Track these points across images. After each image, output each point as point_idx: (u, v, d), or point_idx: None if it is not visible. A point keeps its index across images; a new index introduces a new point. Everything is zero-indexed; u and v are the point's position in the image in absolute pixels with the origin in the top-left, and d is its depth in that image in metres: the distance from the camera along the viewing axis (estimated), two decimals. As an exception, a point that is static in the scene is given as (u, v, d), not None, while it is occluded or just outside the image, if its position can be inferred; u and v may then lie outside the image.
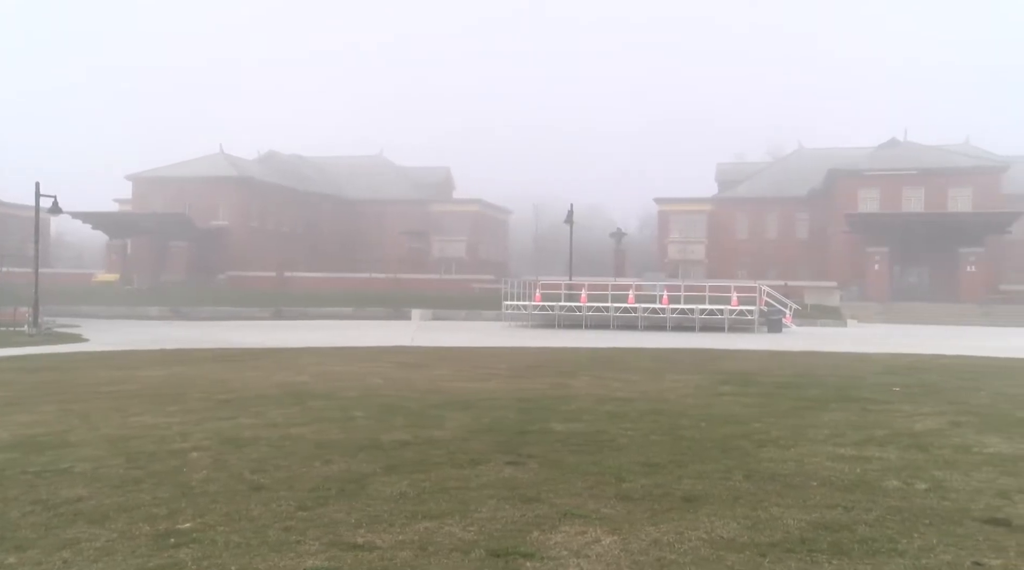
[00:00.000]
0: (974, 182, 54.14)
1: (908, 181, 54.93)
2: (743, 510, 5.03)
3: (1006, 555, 4.25)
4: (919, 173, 54.74)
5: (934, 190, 54.34)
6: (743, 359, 17.02)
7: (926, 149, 57.41)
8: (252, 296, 43.81)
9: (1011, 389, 11.67)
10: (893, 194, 54.86)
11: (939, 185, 54.27)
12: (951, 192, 54.17)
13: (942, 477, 5.99)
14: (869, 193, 55.45)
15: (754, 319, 30.93)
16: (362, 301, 42.64)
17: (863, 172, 55.91)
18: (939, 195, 54.09)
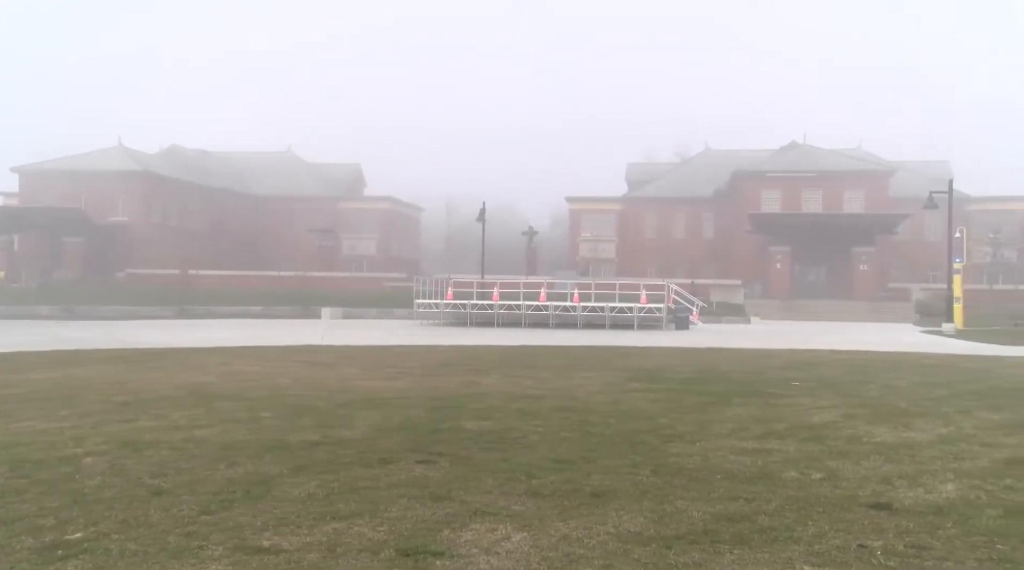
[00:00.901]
0: (866, 185, 56.86)
1: (807, 183, 57.24)
2: (650, 504, 5.14)
3: (886, 537, 4.49)
4: (817, 175, 57.12)
5: (831, 192, 56.80)
6: (651, 356, 17.39)
7: (823, 153, 59.94)
8: (154, 294, 42.27)
9: (897, 382, 12.30)
10: (793, 195, 57.09)
11: (835, 187, 56.75)
12: (846, 194, 56.75)
13: (835, 467, 6.25)
14: (771, 194, 57.53)
15: (662, 316, 31.64)
16: (271, 300, 41.68)
17: (765, 174, 57.97)
18: (835, 197, 56.58)
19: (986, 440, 7.41)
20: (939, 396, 10.59)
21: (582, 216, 67.53)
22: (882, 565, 4.04)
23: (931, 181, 49.12)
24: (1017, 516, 4.92)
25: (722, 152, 68.20)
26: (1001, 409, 9.41)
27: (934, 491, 5.51)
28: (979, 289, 47.34)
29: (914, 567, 4.02)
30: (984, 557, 4.17)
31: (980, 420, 8.57)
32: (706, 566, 4.03)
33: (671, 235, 65.49)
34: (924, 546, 4.32)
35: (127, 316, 36.35)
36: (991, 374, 13.81)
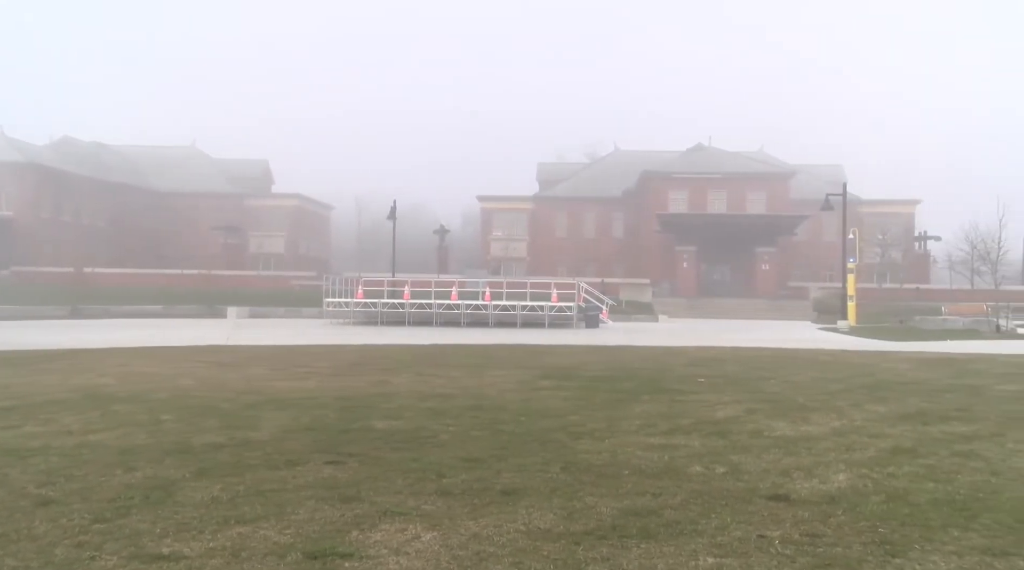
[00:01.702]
0: (768, 187, 58.91)
1: (712, 184, 58.91)
2: (560, 501, 5.19)
3: (784, 527, 4.66)
4: (722, 177, 58.85)
5: (735, 193, 58.63)
6: (562, 354, 17.58)
7: (727, 155, 61.82)
8: (45, 293, 40.21)
9: (796, 377, 12.80)
10: (699, 196, 58.67)
11: (739, 189, 58.61)
12: (749, 195, 58.66)
13: (738, 461, 6.45)
14: (678, 194, 58.96)
15: (573, 315, 32.03)
16: (173, 299, 40.26)
17: (672, 174, 59.36)
18: (739, 198, 58.42)
19: (873, 431, 7.79)
20: (833, 391, 11.07)
21: (494, 215, 67.74)
22: (779, 554, 4.19)
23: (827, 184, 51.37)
24: (897, 501, 5.20)
25: (631, 153, 69.49)
26: (887, 402, 9.91)
27: (827, 481, 5.76)
28: (870, 288, 49.68)
29: (808, 554, 4.18)
30: (868, 541, 4.39)
31: (869, 413, 9.00)
32: (614, 561, 4.10)
33: (582, 234, 66.36)
34: (817, 534, 4.51)
35: (13, 316, 34.39)
36: (879, 369, 14.53)
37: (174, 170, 68.81)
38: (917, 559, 4.11)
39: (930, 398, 10.32)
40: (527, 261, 66.03)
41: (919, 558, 4.12)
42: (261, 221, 68.15)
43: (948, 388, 11.47)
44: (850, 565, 4.02)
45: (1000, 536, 4.50)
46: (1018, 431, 7.88)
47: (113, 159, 66.13)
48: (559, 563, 4.06)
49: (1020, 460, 6.54)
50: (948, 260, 59.77)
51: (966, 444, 7.16)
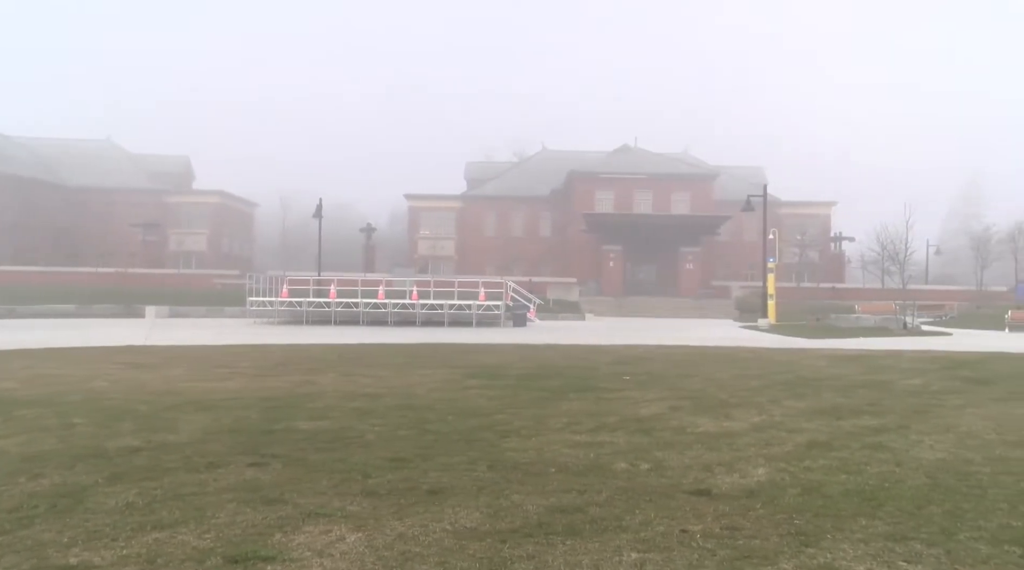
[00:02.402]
0: (692, 188, 60.11)
1: (638, 184, 59.78)
2: (486, 499, 5.20)
3: (705, 521, 4.77)
4: (647, 178, 59.79)
5: (660, 194, 59.62)
6: (489, 353, 17.60)
7: (653, 156, 62.84)
8: (-55, 292, 38.22)
9: (718, 374, 13.11)
10: (625, 196, 59.47)
11: (664, 189, 59.63)
12: (674, 196, 59.73)
13: (661, 457, 6.57)
14: (605, 194, 59.64)
15: (501, 314, 32.11)
16: (87, 298, 38.72)
17: (599, 174, 60.03)
18: (664, 198, 59.45)
19: (791, 426, 8.04)
20: (754, 387, 11.38)
21: (421, 214, 67.36)
22: (701, 547, 4.29)
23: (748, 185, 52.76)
24: (812, 493, 5.38)
25: (558, 153, 69.99)
26: (804, 397, 10.25)
27: (747, 476, 5.92)
28: (789, 287, 51.19)
29: (728, 547, 4.29)
30: (784, 532, 4.53)
31: (787, 408, 9.29)
32: (539, 558, 4.13)
33: (510, 233, 66.54)
34: (737, 527, 4.63)
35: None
36: (797, 365, 15.00)
37: (87, 165, 66.20)
38: (828, 548, 4.26)
39: (844, 393, 10.71)
40: (455, 260, 65.88)
41: (830, 547, 4.27)
42: (182, 218, 66.26)
43: (860, 384, 11.93)
44: (767, 556, 4.13)
45: (902, 522, 4.72)
46: (920, 423, 8.25)
47: (18, 152, 63.21)
48: (485, 562, 4.07)
49: (922, 451, 6.84)
50: (861, 260, 62.11)
51: (875, 437, 7.45)
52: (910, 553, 4.20)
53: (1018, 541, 4.40)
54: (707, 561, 4.08)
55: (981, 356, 17.66)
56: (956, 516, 4.86)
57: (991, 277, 57.19)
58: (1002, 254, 56.35)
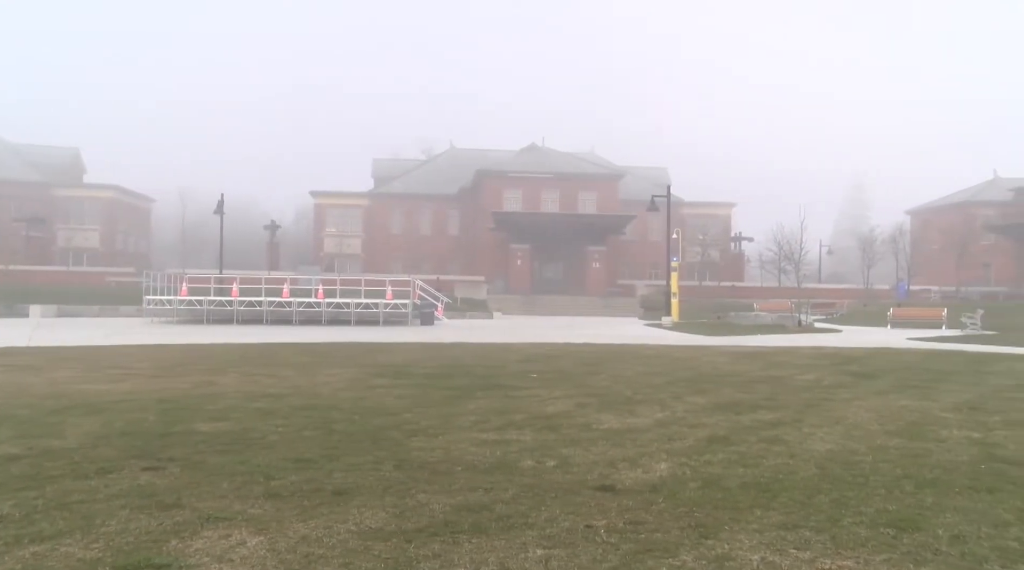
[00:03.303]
0: (599, 187, 61.08)
1: (546, 184, 60.35)
2: (392, 499, 5.15)
3: (609, 516, 4.85)
4: (555, 177, 60.42)
5: (567, 193, 60.35)
6: (397, 352, 17.45)
7: (560, 155, 63.58)
8: None
9: (623, 372, 13.37)
10: (533, 195, 59.95)
11: (571, 189, 60.39)
12: (580, 195, 60.58)
13: (567, 454, 6.65)
14: (513, 193, 59.97)
15: (408, 312, 31.90)
16: (-38, 296, 36.48)
17: (507, 173, 60.32)
18: (571, 198, 60.21)
19: (693, 422, 8.27)
20: (657, 384, 11.65)
21: (327, 211, 66.24)
22: (605, 542, 4.36)
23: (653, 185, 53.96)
24: (712, 486, 5.55)
25: (466, 151, 70.01)
26: (705, 393, 10.55)
27: (650, 471, 6.05)
28: (692, 285, 52.68)
29: (631, 541, 4.38)
30: (685, 525, 4.66)
31: (689, 404, 9.55)
32: (445, 557, 4.12)
33: (417, 231, 66.16)
34: (640, 521, 4.73)
35: None
36: (698, 362, 15.45)
37: (-36, 155, 62.43)
38: (726, 539, 4.40)
39: (743, 389, 11.08)
40: (362, 258, 65.06)
41: (728, 538, 4.42)
42: (72, 213, 63.20)
43: (758, 379, 12.37)
44: (668, 549, 4.24)
45: (794, 512, 4.92)
46: (813, 416, 8.62)
47: None
48: (390, 562, 4.03)
49: (814, 443, 7.15)
50: (759, 259, 64.49)
51: (771, 430, 7.74)
52: (800, 540, 4.38)
53: (892, 523, 4.67)
54: (611, 555, 4.15)
55: (867, 352, 18.58)
56: (841, 503, 5.11)
57: (877, 276, 60.27)
58: (885, 254, 59.48)
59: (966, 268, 58.19)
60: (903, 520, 4.73)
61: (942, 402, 9.85)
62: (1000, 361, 16.30)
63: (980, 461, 6.45)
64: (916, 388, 11.30)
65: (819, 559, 4.09)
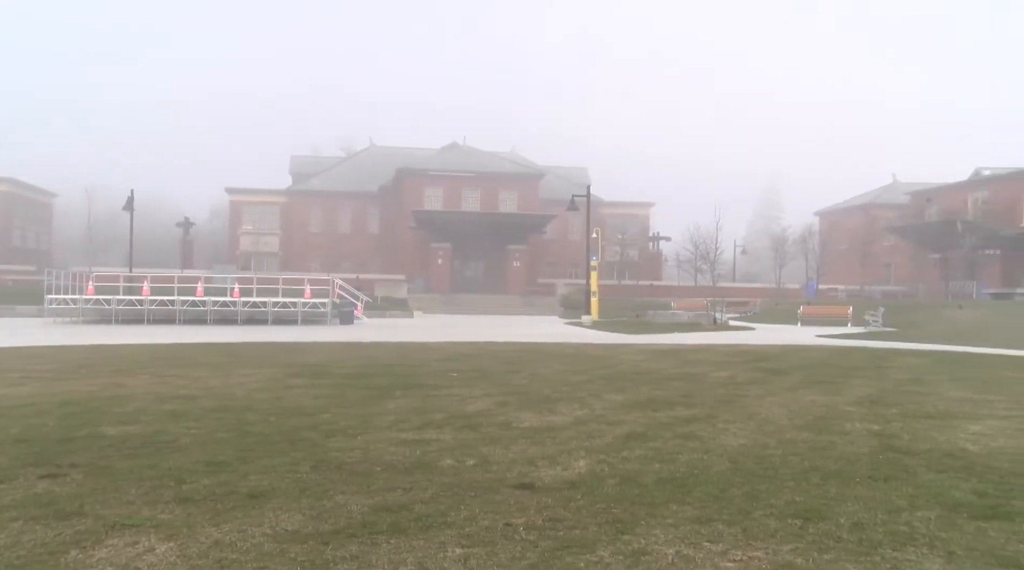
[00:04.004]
0: (519, 187, 61.41)
1: (467, 182, 60.34)
2: (308, 501, 5.07)
3: (528, 514, 4.88)
4: (476, 176, 60.46)
5: (488, 192, 60.48)
6: (315, 351, 17.17)
7: (481, 154, 63.66)
8: None
9: (543, 370, 13.46)
10: (454, 194, 59.85)
11: (492, 188, 60.55)
12: (501, 194, 60.78)
13: (487, 452, 6.66)
14: (434, 192, 59.75)
15: (327, 312, 31.43)
16: None
17: (428, 172, 60.06)
18: (492, 197, 60.36)
19: (611, 419, 8.39)
20: (577, 382, 11.77)
21: (243, 208, 64.68)
22: (524, 540, 4.38)
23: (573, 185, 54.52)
24: (629, 483, 5.64)
25: (387, 148, 69.40)
26: (624, 391, 10.72)
27: (569, 468, 6.11)
28: (611, 284, 53.46)
29: (549, 538, 4.41)
30: (603, 521, 4.72)
31: (608, 402, 9.68)
32: (363, 558, 4.07)
33: (337, 230, 65.26)
34: (558, 518, 4.78)
35: None
36: (617, 360, 15.68)
37: None
38: (642, 534, 4.48)
39: (659, 386, 11.30)
40: (280, 256, 63.78)
41: (644, 533, 4.50)
42: (-36, 207, 60.06)
43: (674, 377, 12.64)
44: (586, 545, 4.29)
45: (708, 506, 5.05)
46: (727, 413, 8.86)
47: None
48: (306, 565, 3.96)
49: (727, 438, 7.35)
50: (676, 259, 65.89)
51: (687, 427, 7.92)
52: (713, 533, 4.50)
53: (799, 514, 4.84)
54: (529, 553, 4.18)
55: (779, 349, 19.21)
56: (753, 496, 5.26)
57: (788, 275, 62.35)
58: (796, 254, 61.57)
59: (870, 268, 60.75)
60: (809, 510, 4.91)
61: (847, 397, 10.26)
62: (899, 357, 17.08)
63: (879, 452, 6.74)
64: (823, 384, 11.73)
65: (731, 551, 4.21)
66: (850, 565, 4.00)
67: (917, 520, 4.74)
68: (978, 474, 5.94)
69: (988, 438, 7.42)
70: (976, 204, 54.21)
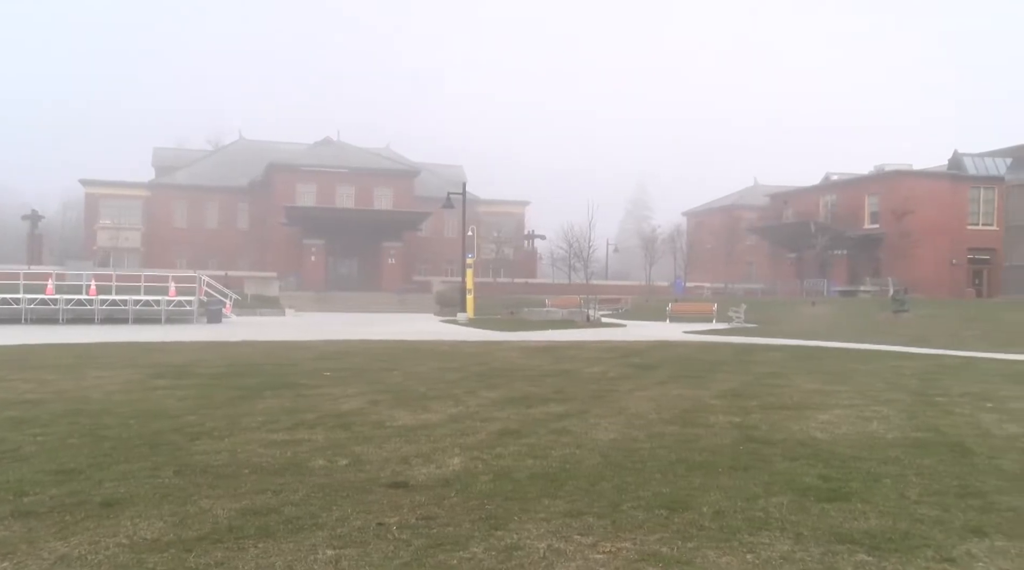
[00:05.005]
0: (395, 183, 60.81)
1: (341, 179, 59.22)
2: (171, 507, 4.84)
3: (402, 513, 4.85)
4: (350, 172, 59.43)
5: (363, 189, 59.57)
6: (180, 351, 16.44)
7: (356, 150, 62.65)
8: None
9: (418, 368, 13.40)
10: (328, 190, 58.61)
11: (367, 184, 59.67)
12: (376, 191, 60.00)
13: (360, 452, 6.56)
14: (306, 187, 58.32)
15: (193, 310, 30.17)
16: None
17: (300, 167, 58.59)
18: (367, 193, 59.49)
19: (486, 416, 8.44)
20: (451, 379, 11.77)
21: (101, 201, 61.08)
22: (397, 539, 4.34)
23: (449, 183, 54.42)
24: (503, 479, 5.70)
25: (257, 142, 67.21)
26: (498, 388, 10.81)
27: (443, 466, 6.10)
28: (486, 282, 53.74)
29: (423, 536, 4.39)
30: (476, 518, 4.75)
31: (482, 399, 9.74)
32: (229, 564, 3.93)
33: (204, 225, 62.69)
34: (432, 516, 4.76)
35: None
36: (492, 357, 15.79)
37: None
38: (515, 529, 4.53)
39: (534, 383, 11.45)
40: (142, 252, 60.62)
41: (517, 528, 4.55)
42: None
43: (548, 373, 12.84)
44: (459, 542, 4.29)
45: (579, 499, 5.16)
46: (598, 407, 9.08)
47: None
48: (167, 575, 3.78)
49: (599, 433, 7.54)
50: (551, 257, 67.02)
51: (560, 422, 8.06)
52: (584, 526, 4.60)
53: (666, 505, 5.02)
54: (402, 552, 4.14)
55: (648, 345, 19.86)
56: (622, 489, 5.41)
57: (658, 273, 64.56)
58: (665, 253, 63.83)
59: (733, 266, 63.69)
60: (675, 501, 5.09)
61: (711, 390, 10.71)
62: (759, 351, 17.99)
63: (740, 443, 7.08)
64: (690, 378, 12.21)
65: (600, 543, 4.31)
66: (711, 551, 4.18)
67: (771, 506, 5.01)
68: (824, 460, 6.34)
69: (834, 426, 7.93)
70: (826, 207, 57.76)
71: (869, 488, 5.44)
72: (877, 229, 51.75)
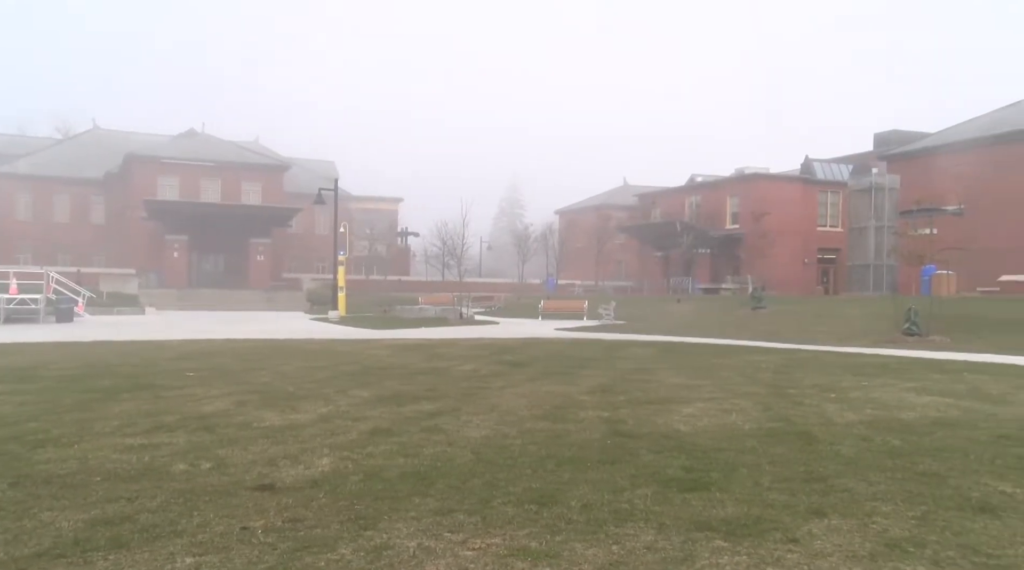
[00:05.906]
0: (263, 178, 59.04)
1: (206, 172, 56.95)
2: (5, 523, 4.49)
3: (268, 516, 4.70)
4: (216, 165, 57.25)
5: (229, 183, 57.50)
6: (22, 352, 15.37)
7: (222, 143, 60.38)
8: None
9: (286, 367, 13.05)
10: (192, 183, 56.25)
11: (234, 178, 57.64)
12: (244, 186, 58.06)
13: (225, 454, 6.32)
14: (168, 180, 55.78)
15: (40, 309, 28.24)
16: None
17: (162, 159, 55.97)
18: (234, 188, 57.46)
19: (356, 415, 8.31)
20: (321, 378, 11.53)
21: (-70, 190, 56.27)
22: (262, 543, 4.20)
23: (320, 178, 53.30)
24: (373, 478, 5.62)
25: (114, 132, 63.66)
26: (369, 386, 10.67)
27: (312, 466, 5.96)
28: (359, 279, 52.97)
29: (289, 539, 4.27)
30: (345, 518, 4.65)
31: (353, 398, 9.58)
32: (75, 580, 3.69)
33: (52, 218, 58.84)
34: (300, 518, 4.64)
35: None
36: (363, 356, 15.58)
37: None
38: (385, 529, 4.47)
39: (406, 381, 11.37)
40: (-21, 246, 56.21)
41: (386, 527, 4.50)
42: None
43: (421, 371, 12.78)
44: (327, 543, 4.20)
45: (450, 497, 5.15)
46: (470, 405, 9.10)
47: None
48: (3, 595, 3.52)
49: (470, 430, 7.56)
50: (424, 254, 66.79)
51: (431, 420, 8.03)
52: (454, 523, 4.60)
53: (536, 500, 5.09)
54: (267, 556, 4.02)
55: (520, 342, 20.10)
56: (493, 485, 5.45)
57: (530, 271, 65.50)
58: (538, 251, 64.86)
59: (604, 264, 65.39)
60: (544, 496, 5.17)
61: (581, 386, 10.94)
62: (627, 347, 18.55)
63: (608, 437, 7.27)
64: (561, 374, 12.42)
65: (470, 540, 4.32)
66: (578, 544, 4.26)
67: (637, 497, 5.16)
68: (687, 451, 6.60)
69: (696, 419, 8.27)
70: (691, 207, 60.22)
71: (727, 477, 5.70)
72: (737, 229, 54.40)
